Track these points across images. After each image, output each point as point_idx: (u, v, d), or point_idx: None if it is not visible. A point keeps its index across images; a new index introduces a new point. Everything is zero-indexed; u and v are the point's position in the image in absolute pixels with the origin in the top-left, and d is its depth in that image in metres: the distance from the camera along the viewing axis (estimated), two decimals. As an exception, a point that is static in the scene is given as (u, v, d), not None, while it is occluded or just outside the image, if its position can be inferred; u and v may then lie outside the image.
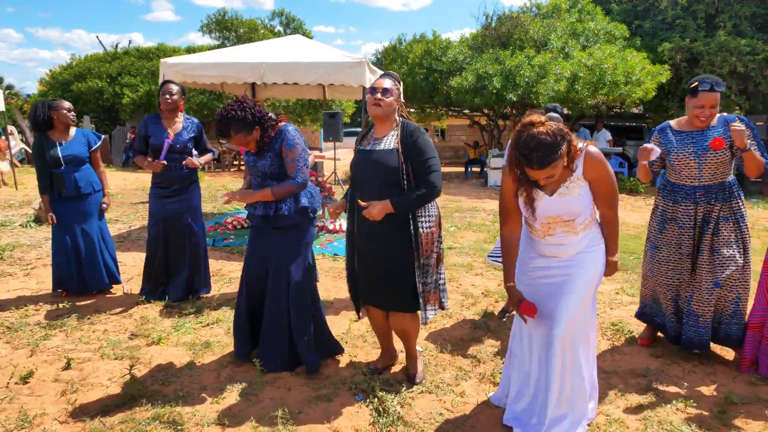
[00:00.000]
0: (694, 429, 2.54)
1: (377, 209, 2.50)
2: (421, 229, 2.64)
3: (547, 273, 2.44)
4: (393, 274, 2.66)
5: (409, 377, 2.97)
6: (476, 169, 15.33)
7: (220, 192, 11.24)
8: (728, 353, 3.33)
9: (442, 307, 2.82)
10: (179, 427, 2.47)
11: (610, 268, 2.45)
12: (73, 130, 4.18)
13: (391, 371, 3.10)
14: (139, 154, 4.08)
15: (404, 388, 2.87)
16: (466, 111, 16.11)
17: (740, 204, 3.11)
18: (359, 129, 26.68)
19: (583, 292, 2.34)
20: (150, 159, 3.98)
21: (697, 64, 12.83)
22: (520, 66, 11.72)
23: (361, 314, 2.99)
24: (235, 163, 17.45)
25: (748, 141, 2.94)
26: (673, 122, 3.25)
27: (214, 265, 5.34)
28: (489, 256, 4.29)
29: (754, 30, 13.00)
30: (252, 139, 2.87)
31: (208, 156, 4.23)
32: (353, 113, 22.97)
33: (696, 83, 2.99)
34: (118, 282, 4.42)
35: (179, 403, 2.69)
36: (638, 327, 3.82)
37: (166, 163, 3.95)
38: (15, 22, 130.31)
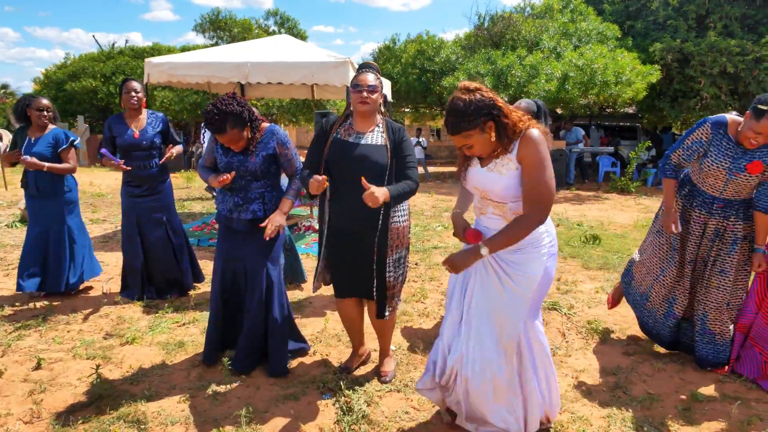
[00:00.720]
0: (657, 426, 2.55)
1: (380, 194, 2.36)
2: (399, 223, 2.70)
3: (484, 262, 2.23)
4: (373, 266, 2.68)
5: (379, 376, 2.97)
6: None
7: (205, 193, 11.22)
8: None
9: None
10: (143, 427, 2.48)
11: (468, 258, 2.15)
12: (49, 129, 4.17)
13: (364, 370, 3.10)
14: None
15: (372, 387, 2.88)
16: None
17: (751, 226, 2.93)
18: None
19: (512, 307, 2.20)
20: (119, 161, 3.91)
21: (687, 65, 12.87)
22: (511, 66, 11.74)
23: (315, 285, 2.89)
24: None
25: None
26: (730, 121, 2.87)
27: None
28: None
29: (744, 31, 13.04)
30: (244, 137, 2.81)
31: (179, 147, 4.14)
32: (348, 113, 22.97)
33: (763, 106, 2.65)
34: (78, 285, 4.34)
35: (146, 402, 2.69)
36: (614, 325, 3.84)
37: (128, 168, 3.94)
38: (13, 21, 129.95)
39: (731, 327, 3.06)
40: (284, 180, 3.10)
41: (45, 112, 4.11)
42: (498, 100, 2.08)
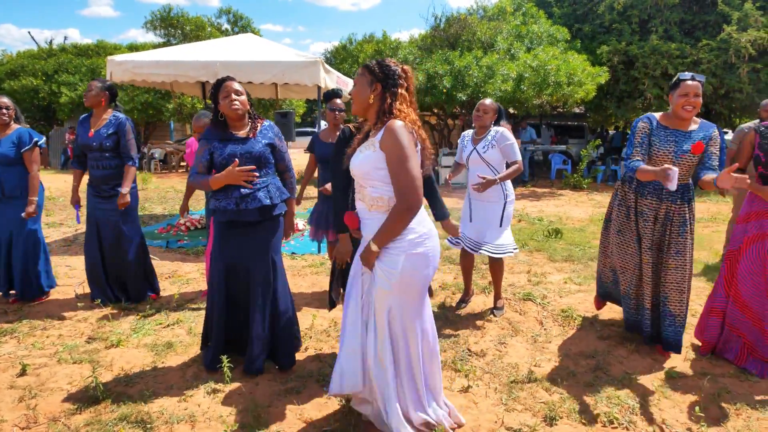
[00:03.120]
0: (639, 401, 2.77)
1: None
2: None
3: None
4: None
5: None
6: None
7: (170, 193, 10.95)
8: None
9: None
10: (148, 426, 2.46)
11: (366, 253, 2.21)
12: (12, 129, 4.01)
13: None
14: (76, 157, 4.12)
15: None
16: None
17: (693, 207, 3.21)
18: (310, 129, 26.50)
19: (378, 300, 2.22)
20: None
21: (632, 66, 13.58)
22: (468, 66, 12.04)
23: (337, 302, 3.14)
24: (183, 164, 16.99)
25: (716, 163, 3.07)
26: (657, 115, 3.21)
27: (169, 266, 5.25)
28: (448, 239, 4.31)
29: (683, 35, 13.88)
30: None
31: (130, 172, 3.97)
32: (304, 113, 22.83)
33: (676, 77, 3.09)
34: (43, 292, 4.20)
35: (146, 403, 2.67)
36: (586, 312, 4.08)
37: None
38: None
39: (686, 309, 3.26)
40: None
41: (4, 110, 3.96)
42: (403, 81, 2.18)
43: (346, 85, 7.78)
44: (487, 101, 3.87)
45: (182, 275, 4.99)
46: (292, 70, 6.21)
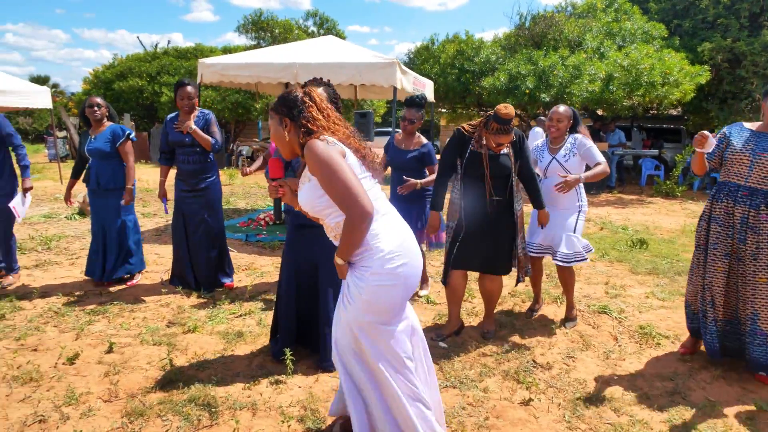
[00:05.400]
0: (720, 433, 2.53)
1: None
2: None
3: None
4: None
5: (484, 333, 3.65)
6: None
7: (254, 189, 11.49)
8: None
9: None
10: (213, 410, 2.60)
11: (337, 268, 2.09)
12: (105, 126, 4.38)
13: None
14: (164, 153, 4.38)
15: (428, 382, 2.94)
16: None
17: None
18: (390, 129, 26.75)
19: (347, 321, 2.07)
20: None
21: (739, 65, 12.44)
22: (553, 66, 11.59)
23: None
24: (268, 161, 17.74)
25: None
26: (746, 123, 3.09)
27: (246, 259, 5.51)
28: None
29: (802, 29, 12.52)
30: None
31: (207, 137, 4.18)
32: (384, 113, 23.08)
33: None
34: (133, 277, 4.60)
35: (213, 387, 2.82)
36: (667, 331, 3.79)
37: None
38: (63, 23, 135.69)
39: None
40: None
41: (95, 108, 4.33)
42: (309, 102, 2.06)
43: (423, 86, 7.76)
44: (561, 108, 3.70)
45: (257, 268, 5.22)
46: (369, 71, 6.29)
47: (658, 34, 13.02)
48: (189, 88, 4.11)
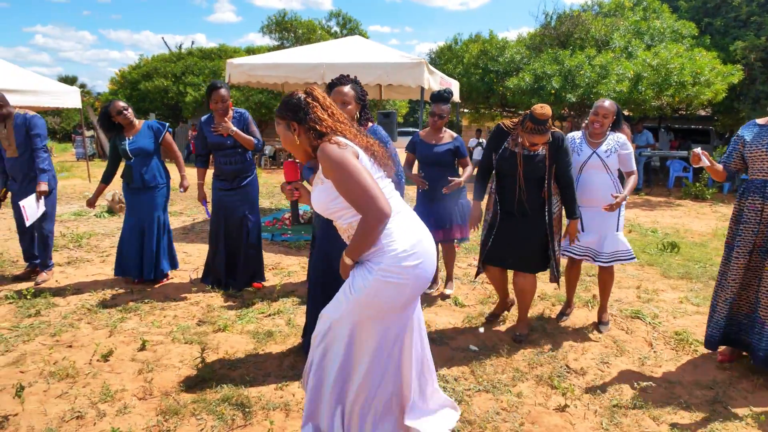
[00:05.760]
0: (766, 445, 2.44)
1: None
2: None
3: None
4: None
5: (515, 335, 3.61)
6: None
7: (277, 189, 11.56)
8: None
9: None
10: (247, 410, 2.60)
11: (342, 265, 2.11)
12: (139, 124, 4.43)
13: (452, 372, 3.13)
14: (200, 156, 4.41)
15: (461, 387, 2.90)
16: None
17: None
18: (412, 129, 26.76)
19: (346, 309, 2.07)
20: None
21: (773, 64, 12.12)
22: (580, 66, 11.42)
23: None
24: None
25: None
26: (759, 120, 3.11)
27: (273, 258, 5.54)
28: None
29: (839, 27, 12.14)
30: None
31: (249, 137, 4.21)
32: (406, 113, 23.05)
33: None
34: (165, 275, 4.62)
35: (246, 387, 2.83)
36: (703, 338, 3.68)
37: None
38: (90, 24, 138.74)
39: None
40: None
41: (126, 112, 4.36)
42: (313, 102, 2.04)
43: (450, 85, 7.72)
44: (606, 103, 3.59)
45: (284, 267, 5.23)
46: (396, 72, 6.27)
47: (688, 32, 12.75)
48: (222, 91, 4.09)
